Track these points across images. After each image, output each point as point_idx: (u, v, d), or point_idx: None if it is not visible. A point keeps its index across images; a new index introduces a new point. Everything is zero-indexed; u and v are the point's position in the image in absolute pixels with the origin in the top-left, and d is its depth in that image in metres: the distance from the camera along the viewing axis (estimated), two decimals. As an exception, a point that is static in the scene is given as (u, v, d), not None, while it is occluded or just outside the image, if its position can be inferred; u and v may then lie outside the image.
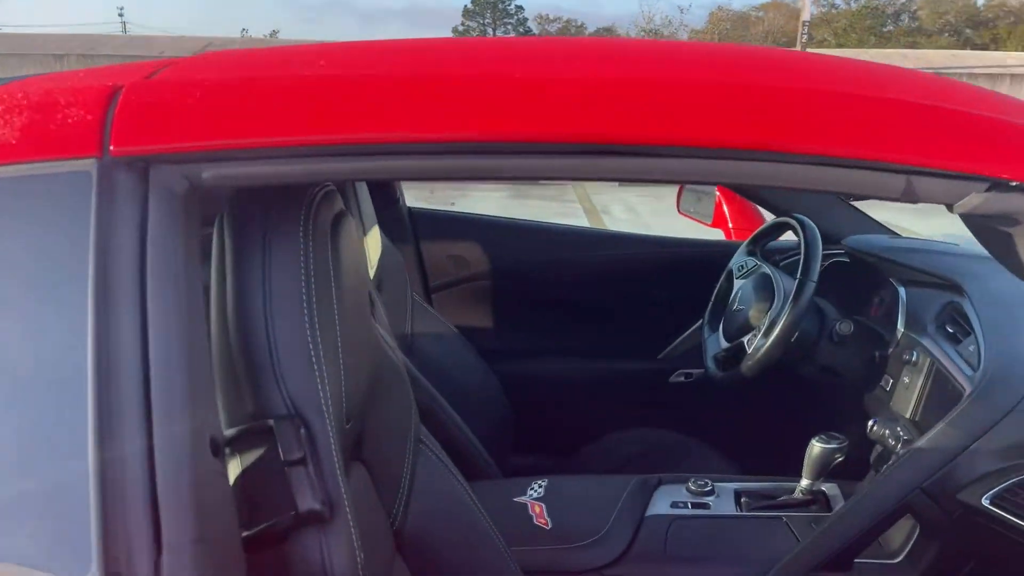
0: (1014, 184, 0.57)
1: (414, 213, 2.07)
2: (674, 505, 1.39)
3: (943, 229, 2.16)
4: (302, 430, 0.70)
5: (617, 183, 9.83)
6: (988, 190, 0.57)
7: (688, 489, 1.44)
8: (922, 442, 1.19)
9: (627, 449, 1.93)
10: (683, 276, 2.09)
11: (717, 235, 2.33)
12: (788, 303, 1.53)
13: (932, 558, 1.21)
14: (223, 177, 0.60)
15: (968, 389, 1.23)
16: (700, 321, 2.10)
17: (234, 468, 0.69)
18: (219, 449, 0.62)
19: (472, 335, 1.95)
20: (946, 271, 1.50)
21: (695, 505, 1.40)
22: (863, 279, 1.80)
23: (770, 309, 1.61)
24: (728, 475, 1.53)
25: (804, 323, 1.56)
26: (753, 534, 1.32)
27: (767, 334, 1.56)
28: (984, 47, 25.80)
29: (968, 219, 0.64)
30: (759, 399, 2.05)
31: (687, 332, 2.11)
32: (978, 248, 1.78)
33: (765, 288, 1.66)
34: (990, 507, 1.11)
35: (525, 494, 1.41)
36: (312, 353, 0.72)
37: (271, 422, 0.69)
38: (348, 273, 0.82)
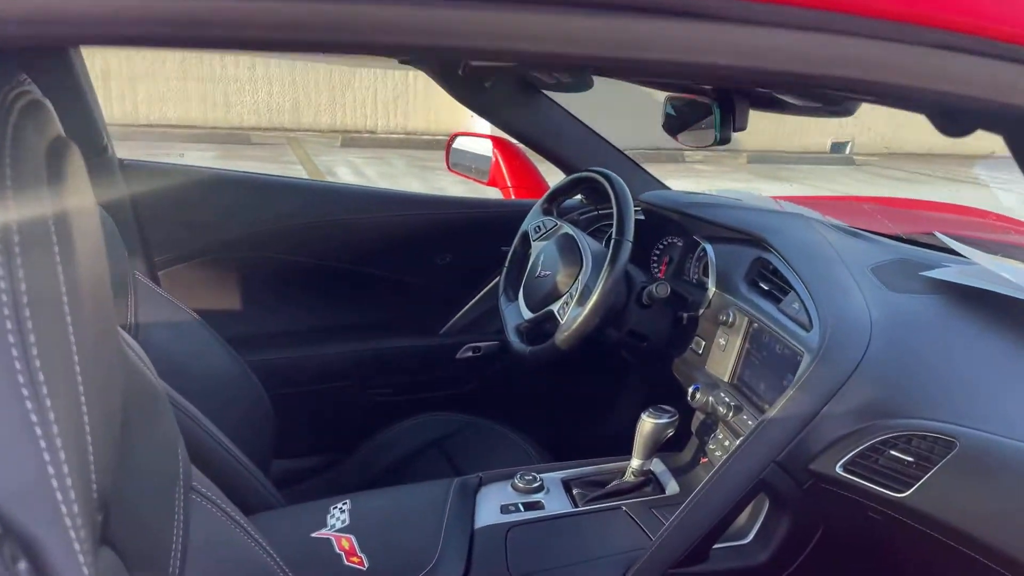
0: None
1: (128, 166, 1.60)
2: (505, 510, 1.18)
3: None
4: (22, 564, 0.36)
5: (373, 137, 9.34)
6: None
7: (514, 487, 1.24)
8: (773, 412, 1.10)
9: (414, 440, 1.68)
10: (463, 240, 1.87)
11: (494, 195, 2.14)
12: (605, 266, 1.38)
13: (784, 532, 1.14)
14: None
15: (806, 350, 1.17)
16: (484, 289, 1.91)
17: None
18: None
19: (216, 320, 1.55)
20: (748, 226, 1.45)
21: (527, 506, 1.20)
22: (663, 238, 1.73)
23: (580, 273, 1.46)
24: (549, 463, 1.36)
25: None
26: (596, 531, 1.16)
27: (583, 301, 1.40)
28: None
29: None
30: (559, 370, 1.92)
31: (472, 301, 1.90)
32: (763, 202, 1.80)
33: (570, 250, 1.50)
34: (844, 475, 1.05)
35: (325, 525, 1.10)
36: (34, 413, 0.37)
37: None
38: (84, 251, 0.46)
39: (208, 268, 1.71)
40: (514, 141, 1.96)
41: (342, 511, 1.13)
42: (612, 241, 1.39)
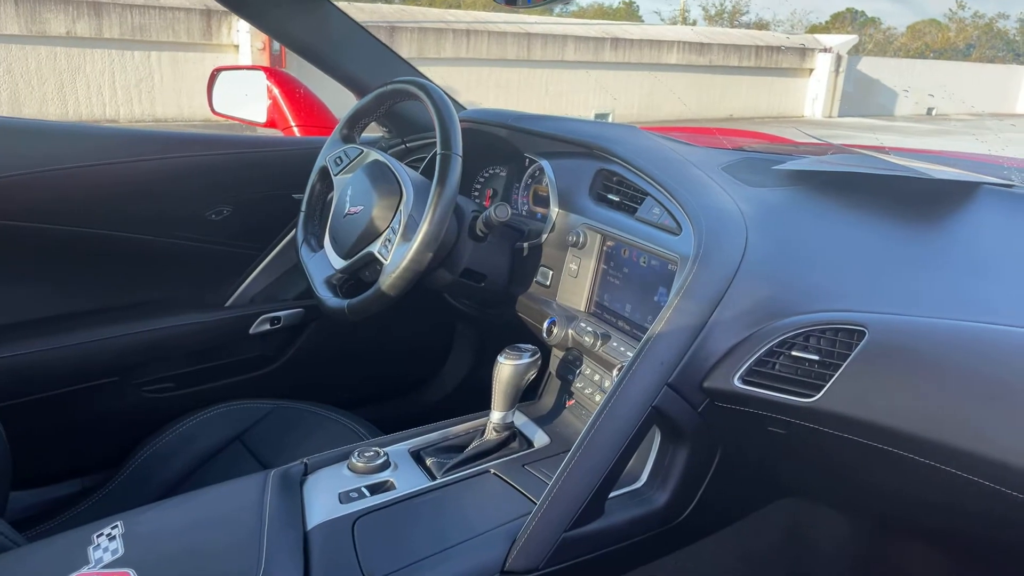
0: None
1: None
2: (345, 498, 0.91)
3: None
4: None
5: None
6: None
7: (352, 468, 0.97)
8: (659, 328, 0.92)
9: (206, 439, 1.34)
10: (242, 188, 1.52)
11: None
12: (433, 186, 1.13)
13: (680, 468, 0.97)
14: None
15: (680, 256, 1.01)
16: (277, 247, 1.59)
17: None
18: None
19: None
20: (586, 136, 1.28)
21: (374, 489, 0.94)
22: (483, 169, 1.51)
23: (400, 204, 1.20)
24: (390, 435, 1.10)
25: None
26: (467, 504, 0.93)
27: (409, 235, 1.15)
28: None
29: None
30: (377, 333, 1.64)
31: (263, 263, 1.56)
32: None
33: (385, 179, 1.24)
34: (743, 387, 0.91)
35: (88, 560, 0.76)
36: None
37: None
38: None
39: None
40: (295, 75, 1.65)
41: (111, 538, 0.79)
42: (438, 156, 1.15)
